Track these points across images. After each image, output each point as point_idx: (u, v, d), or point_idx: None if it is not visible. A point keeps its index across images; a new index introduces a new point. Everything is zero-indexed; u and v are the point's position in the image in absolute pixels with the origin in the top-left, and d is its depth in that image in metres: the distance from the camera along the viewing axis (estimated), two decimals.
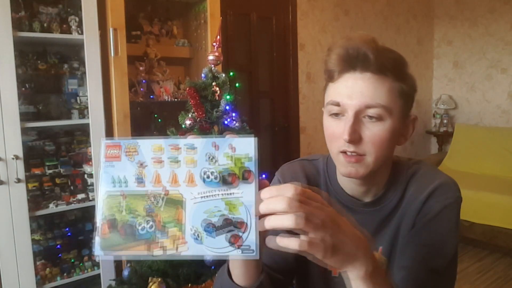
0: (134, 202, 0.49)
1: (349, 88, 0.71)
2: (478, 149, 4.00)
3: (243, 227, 0.46)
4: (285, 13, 3.29)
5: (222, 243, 0.46)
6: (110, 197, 0.50)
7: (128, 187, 0.50)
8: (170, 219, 0.48)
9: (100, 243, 0.48)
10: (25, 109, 1.94)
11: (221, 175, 0.48)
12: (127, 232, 0.48)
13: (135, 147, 0.51)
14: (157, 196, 0.49)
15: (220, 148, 0.49)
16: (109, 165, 0.51)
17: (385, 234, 0.81)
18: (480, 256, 3.22)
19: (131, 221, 0.48)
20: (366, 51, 0.69)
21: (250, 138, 0.48)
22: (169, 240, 0.47)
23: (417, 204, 0.77)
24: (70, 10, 1.99)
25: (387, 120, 0.71)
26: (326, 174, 0.86)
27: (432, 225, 0.75)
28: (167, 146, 0.50)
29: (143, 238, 0.48)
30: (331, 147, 0.75)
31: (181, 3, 2.49)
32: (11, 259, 1.82)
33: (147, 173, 0.50)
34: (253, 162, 0.48)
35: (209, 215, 0.47)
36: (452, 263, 0.75)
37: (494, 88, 4.31)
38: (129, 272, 1.63)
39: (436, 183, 0.77)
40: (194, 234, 0.47)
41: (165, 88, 2.37)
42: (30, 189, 1.91)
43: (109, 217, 0.49)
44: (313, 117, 3.56)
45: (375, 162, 0.72)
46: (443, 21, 4.63)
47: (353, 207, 0.82)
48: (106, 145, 0.51)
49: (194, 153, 0.49)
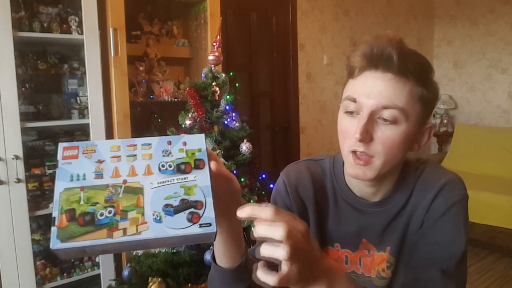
0: (94, 194, 0.49)
1: (367, 86, 0.70)
2: (478, 149, 4.00)
3: (199, 205, 0.50)
4: (285, 13, 3.30)
5: (182, 222, 0.49)
6: (68, 190, 0.49)
7: (87, 180, 0.50)
8: (130, 204, 0.49)
9: (57, 232, 0.46)
10: (25, 109, 1.94)
11: (175, 164, 0.53)
12: (86, 220, 0.48)
13: (93, 147, 0.53)
14: (116, 186, 0.50)
15: (173, 144, 0.54)
16: (66, 162, 0.51)
17: (393, 234, 0.80)
18: (480, 256, 3.22)
19: (91, 209, 0.48)
20: (391, 52, 0.67)
21: (200, 135, 0.56)
22: (129, 222, 0.48)
23: (425, 203, 0.77)
24: (70, 10, 1.99)
25: (402, 124, 0.69)
26: (333, 174, 0.85)
27: (440, 224, 0.75)
28: (124, 145, 0.53)
29: (103, 224, 0.48)
30: (343, 145, 0.75)
31: (181, 3, 2.49)
32: (11, 259, 1.82)
33: (106, 168, 0.51)
34: (204, 152, 0.54)
35: (169, 199, 0.50)
36: (462, 262, 0.74)
37: (494, 88, 4.31)
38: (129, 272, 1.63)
39: (443, 182, 0.77)
40: (155, 217, 0.49)
41: (165, 88, 2.37)
42: (30, 189, 1.91)
43: (67, 208, 0.48)
44: (313, 117, 3.56)
45: (383, 165, 0.72)
46: (443, 21, 4.63)
47: (360, 207, 0.82)
48: (63, 147, 0.52)
49: (149, 149, 0.54)
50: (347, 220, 0.83)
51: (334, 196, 0.84)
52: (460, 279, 0.75)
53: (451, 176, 0.78)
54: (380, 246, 0.82)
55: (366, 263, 0.83)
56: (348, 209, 0.83)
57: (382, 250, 0.82)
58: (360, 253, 0.84)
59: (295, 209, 0.84)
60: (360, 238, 0.83)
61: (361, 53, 0.70)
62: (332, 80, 3.67)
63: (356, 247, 0.83)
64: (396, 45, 0.68)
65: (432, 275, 0.72)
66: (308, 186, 0.85)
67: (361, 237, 0.83)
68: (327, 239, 0.85)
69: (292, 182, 0.85)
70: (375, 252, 0.82)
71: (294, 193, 0.84)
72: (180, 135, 0.56)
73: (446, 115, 4.53)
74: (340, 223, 0.84)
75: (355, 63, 0.71)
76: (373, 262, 0.83)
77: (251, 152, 1.76)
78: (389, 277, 0.82)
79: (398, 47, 0.68)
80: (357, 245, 0.83)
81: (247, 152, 1.75)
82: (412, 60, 0.69)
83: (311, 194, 0.84)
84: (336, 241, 0.85)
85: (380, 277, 0.83)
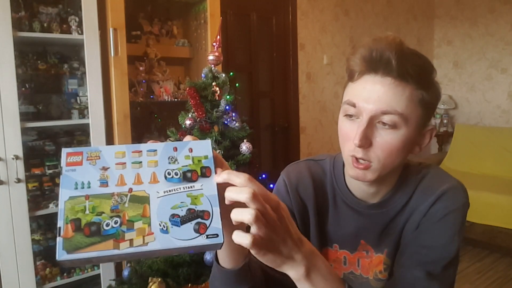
0: (99, 203, 0.48)
1: (367, 91, 0.69)
2: (478, 149, 4.00)
3: (206, 215, 0.49)
4: (285, 13, 3.29)
5: (189, 233, 0.48)
6: (72, 199, 0.48)
7: (92, 188, 0.49)
8: (136, 214, 0.48)
9: (63, 243, 0.45)
10: (25, 109, 1.94)
11: (181, 171, 0.52)
12: (92, 230, 0.47)
13: (97, 153, 0.51)
14: (121, 195, 0.49)
15: (179, 151, 0.53)
16: (70, 169, 0.50)
17: (390, 236, 0.80)
18: (480, 256, 3.22)
19: (96, 219, 0.47)
20: (390, 56, 0.66)
21: (206, 141, 0.54)
22: (135, 233, 0.47)
23: (424, 207, 0.76)
24: (70, 10, 1.99)
25: (402, 128, 0.69)
26: (333, 175, 0.85)
27: (435, 229, 0.74)
28: (129, 152, 0.52)
29: (109, 234, 0.47)
30: (343, 148, 0.75)
31: (181, 3, 2.49)
32: (11, 259, 1.82)
33: (111, 175, 0.50)
34: (210, 160, 0.53)
35: (175, 209, 0.50)
36: (450, 266, 0.74)
37: (494, 88, 4.31)
38: (129, 272, 1.63)
39: (444, 188, 0.76)
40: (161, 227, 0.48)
41: (165, 88, 2.37)
42: (30, 189, 1.91)
43: (72, 218, 0.47)
44: (313, 117, 3.56)
45: (382, 168, 0.71)
46: (443, 21, 4.63)
47: (359, 209, 0.81)
48: (66, 153, 0.51)
49: (154, 155, 0.52)
50: (345, 221, 0.83)
51: (333, 197, 0.84)
52: (446, 283, 0.74)
53: (453, 183, 0.78)
54: (378, 248, 0.82)
55: (364, 264, 0.84)
56: (347, 210, 0.83)
57: (380, 252, 0.82)
58: (359, 254, 0.84)
59: (296, 209, 0.84)
60: (358, 239, 0.83)
61: (361, 57, 0.69)
62: (332, 80, 3.67)
63: (355, 248, 0.84)
64: (396, 49, 0.67)
65: (416, 275, 0.72)
66: (308, 186, 0.85)
67: (359, 238, 0.83)
68: (326, 239, 0.85)
69: (293, 182, 0.85)
70: (373, 253, 0.82)
71: (295, 193, 0.84)
72: (186, 140, 0.54)
73: (446, 115, 4.53)
74: (339, 223, 0.84)
75: (355, 66, 0.71)
76: (371, 263, 0.83)
77: (251, 152, 1.76)
78: (386, 279, 0.82)
79: (397, 51, 0.67)
80: (356, 246, 0.83)
81: (247, 152, 1.75)
82: (413, 63, 0.68)
83: (311, 194, 0.84)
84: (335, 242, 0.85)
85: (378, 278, 0.83)
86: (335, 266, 0.85)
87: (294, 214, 0.84)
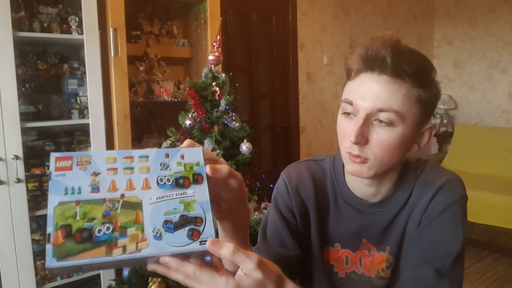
0: (90, 209, 0.47)
1: (363, 89, 0.70)
2: (478, 149, 4.00)
3: (199, 222, 0.50)
4: (285, 13, 3.30)
5: (182, 239, 0.48)
6: (62, 204, 0.47)
7: (82, 194, 0.48)
8: (128, 220, 0.48)
9: (53, 250, 0.44)
10: (25, 109, 1.94)
11: (174, 178, 0.51)
12: (84, 236, 0.45)
13: (88, 159, 0.50)
14: (113, 201, 0.48)
15: (171, 157, 0.53)
16: (60, 174, 0.49)
17: (392, 234, 0.81)
18: (480, 256, 3.22)
19: (88, 225, 0.46)
20: (385, 54, 0.67)
21: (197, 148, 0.54)
22: (128, 239, 0.47)
23: (424, 202, 0.77)
24: (70, 10, 1.99)
25: (398, 126, 0.69)
26: (333, 175, 0.86)
27: (437, 224, 0.75)
28: (121, 157, 0.51)
29: (101, 241, 0.46)
30: (341, 145, 0.76)
31: (181, 3, 2.49)
32: (11, 259, 1.82)
33: (102, 181, 0.49)
34: (202, 167, 0.53)
35: (168, 215, 0.49)
36: (458, 262, 0.74)
37: (494, 88, 4.31)
38: (129, 272, 1.63)
39: (442, 181, 0.77)
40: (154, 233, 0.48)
41: (165, 88, 2.37)
42: (30, 189, 1.91)
43: (62, 224, 0.46)
44: (313, 117, 3.56)
45: (379, 166, 0.72)
46: (443, 21, 4.63)
47: (360, 208, 0.82)
48: (55, 157, 0.50)
49: (146, 161, 0.52)
50: (347, 220, 0.83)
51: (334, 196, 0.85)
52: (455, 279, 0.74)
53: (450, 176, 0.78)
54: (380, 246, 0.82)
55: (366, 263, 0.84)
56: (348, 209, 0.83)
57: (382, 250, 0.82)
58: (360, 253, 0.84)
59: (296, 209, 0.84)
60: (360, 238, 0.83)
61: (357, 55, 0.70)
62: (332, 80, 3.67)
63: (357, 247, 0.84)
64: (391, 47, 0.67)
65: (426, 274, 0.72)
66: (308, 186, 0.85)
67: (361, 237, 0.83)
68: (327, 239, 0.85)
69: (293, 182, 0.85)
70: (375, 252, 0.83)
71: (295, 193, 0.84)
72: (178, 147, 0.54)
73: (446, 115, 4.53)
74: (341, 223, 0.84)
75: (352, 65, 0.72)
76: (373, 262, 0.83)
77: (251, 152, 1.76)
78: (389, 277, 0.83)
79: (393, 49, 0.67)
80: (357, 245, 0.83)
81: (247, 152, 1.75)
82: (409, 61, 0.68)
83: (312, 194, 0.84)
84: (336, 241, 0.85)
85: (380, 277, 0.83)
86: (337, 265, 0.86)
87: (295, 215, 0.84)
